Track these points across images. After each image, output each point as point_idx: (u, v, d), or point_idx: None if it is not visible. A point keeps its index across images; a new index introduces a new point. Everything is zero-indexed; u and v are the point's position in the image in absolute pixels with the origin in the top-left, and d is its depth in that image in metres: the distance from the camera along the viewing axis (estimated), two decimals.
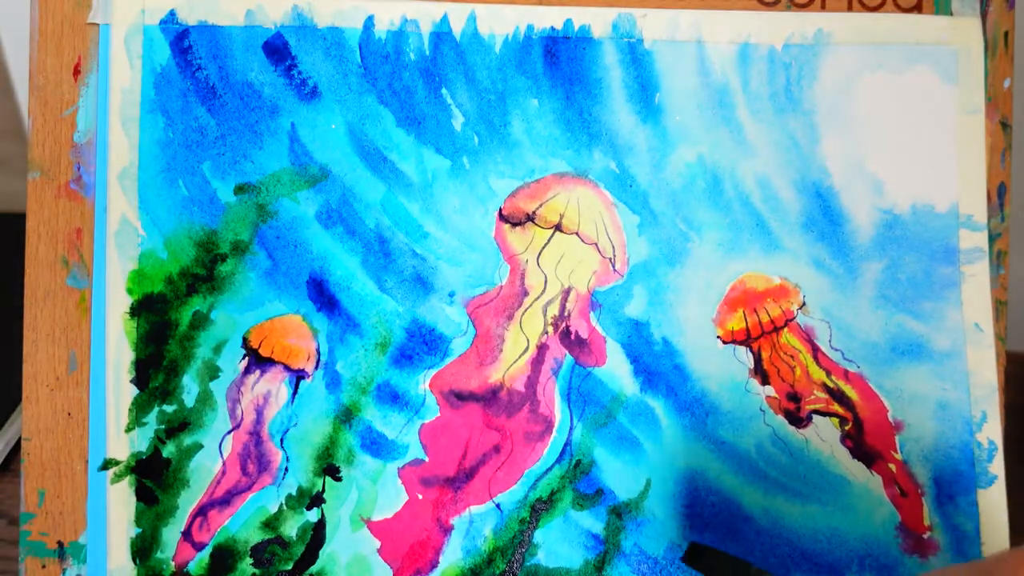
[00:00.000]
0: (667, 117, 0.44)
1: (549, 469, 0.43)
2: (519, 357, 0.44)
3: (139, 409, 0.42)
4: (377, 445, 0.43)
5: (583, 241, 0.44)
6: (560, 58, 0.44)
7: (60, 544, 0.42)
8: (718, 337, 0.44)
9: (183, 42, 0.43)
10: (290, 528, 0.42)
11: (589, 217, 0.44)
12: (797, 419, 0.44)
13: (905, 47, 0.45)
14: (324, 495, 0.43)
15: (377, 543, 0.43)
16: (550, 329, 0.44)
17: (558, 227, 0.44)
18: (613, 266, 0.44)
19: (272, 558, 0.42)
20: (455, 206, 0.44)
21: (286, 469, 0.43)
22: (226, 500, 0.42)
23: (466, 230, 0.44)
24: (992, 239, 0.45)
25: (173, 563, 0.42)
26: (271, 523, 0.42)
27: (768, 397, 0.44)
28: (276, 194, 0.43)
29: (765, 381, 0.44)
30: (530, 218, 0.44)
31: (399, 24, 0.44)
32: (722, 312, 0.44)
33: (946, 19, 0.45)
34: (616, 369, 0.44)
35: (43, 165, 0.43)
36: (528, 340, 0.44)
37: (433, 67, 0.44)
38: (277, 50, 0.43)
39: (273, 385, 0.43)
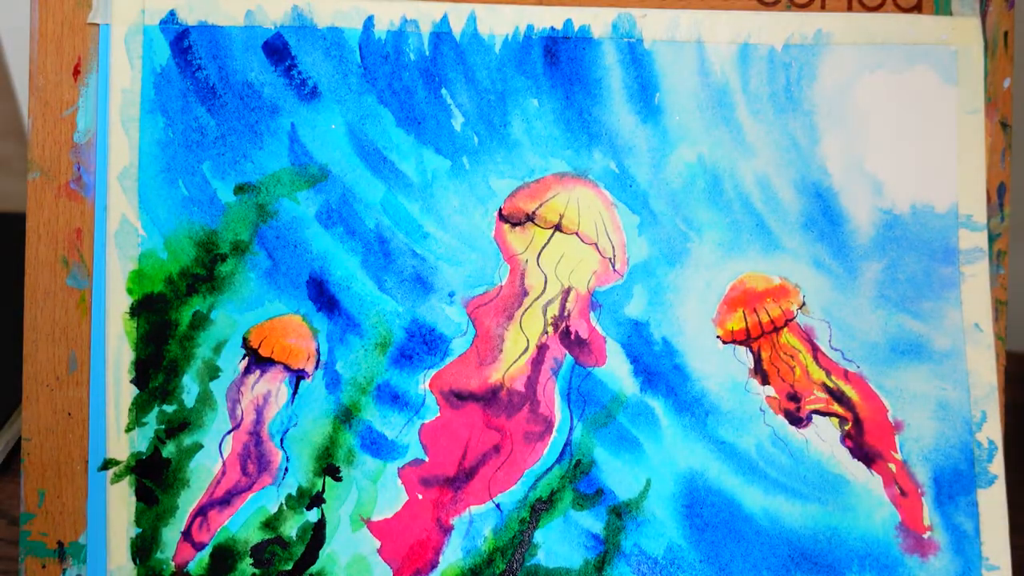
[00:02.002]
0: (667, 117, 0.44)
1: (549, 469, 0.43)
2: (519, 357, 0.44)
3: (139, 409, 0.42)
4: (377, 445, 0.43)
5: (583, 241, 0.44)
6: (560, 58, 0.44)
7: (60, 544, 0.42)
8: (718, 337, 0.44)
9: (183, 42, 0.43)
10: (290, 528, 0.42)
11: (589, 217, 0.44)
12: (797, 419, 0.44)
13: (905, 47, 0.45)
14: (324, 495, 0.43)
15: (377, 543, 0.43)
16: (550, 329, 0.44)
17: (558, 227, 0.44)
18: (613, 266, 0.44)
19: (272, 558, 0.42)
20: (455, 206, 0.44)
21: (286, 469, 0.43)
22: (226, 500, 0.42)
23: (466, 230, 0.44)
24: (992, 239, 0.45)
25: (173, 563, 0.42)
26: (271, 523, 0.42)
27: (768, 397, 0.44)
28: (276, 194, 0.43)
29: (765, 381, 0.44)
30: (530, 218, 0.44)
31: (399, 24, 0.44)
32: (722, 312, 0.44)
33: (946, 19, 0.45)
34: (616, 369, 0.44)
35: (43, 165, 0.43)
36: (528, 340, 0.44)
37: (433, 67, 0.44)
38: (277, 50, 0.43)
39: (273, 385, 0.43)
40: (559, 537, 0.43)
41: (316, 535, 0.42)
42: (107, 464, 0.42)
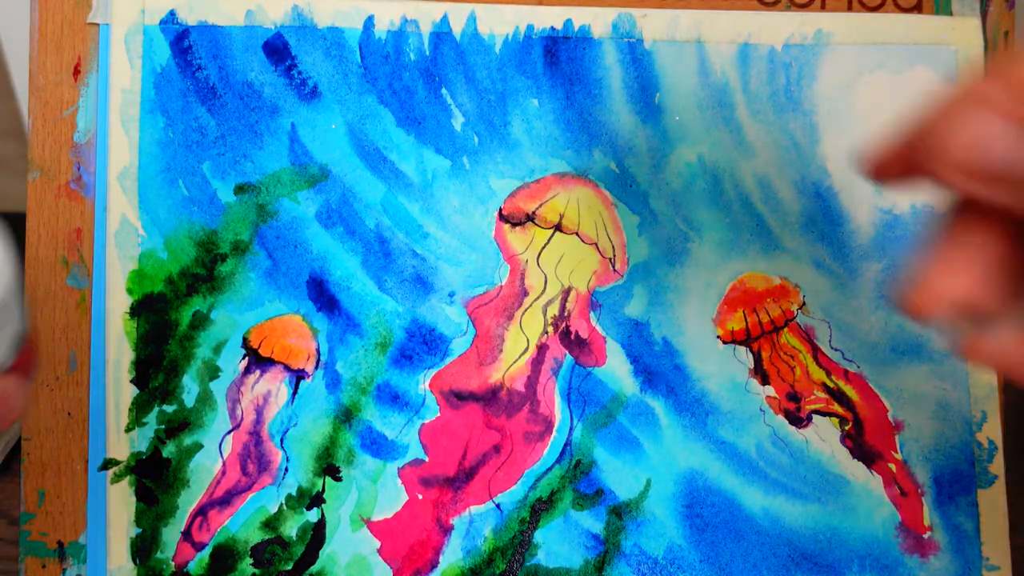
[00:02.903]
0: (667, 117, 0.44)
1: (549, 469, 0.43)
2: (519, 357, 0.44)
3: (139, 409, 0.42)
4: (377, 445, 0.43)
5: (583, 241, 0.44)
6: (560, 58, 0.44)
7: (60, 544, 0.42)
8: (718, 337, 0.44)
9: (183, 42, 0.43)
10: (290, 528, 0.42)
11: (589, 217, 0.44)
12: (797, 419, 0.44)
13: (905, 47, 0.45)
14: (324, 495, 0.43)
15: (377, 543, 0.43)
16: (550, 329, 0.44)
17: (558, 227, 0.44)
18: (613, 266, 0.44)
19: (272, 558, 0.42)
20: (455, 206, 0.44)
21: (286, 469, 0.43)
22: (226, 500, 0.42)
23: (466, 230, 0.44)
24: None
25: (173, 563, 0.42)
26: (271, 523, 0.42)
27: (768, 397, 0.44)
28: (276, 194, 0.43)
29: (765, 381, 0.44)
30: (530, 218, 0.44)
31: (399, 24, 0.44)
32: (722, 312, 0.44)
33: (946, 19, 0.45)
34: (616, 369, 0.44)
35: (43, 165, 0.43)
36: (528, 340, 0.44)
37: (433, 67, 0.44)
38: (277, 50, 0.43)
39: (273, 385, 0.43)
40: (559, 537, 0.43)
41: (316, 535, 0.42)
42: (107, 464, 0.42)
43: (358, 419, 0.43)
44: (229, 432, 0.43)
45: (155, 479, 0.42)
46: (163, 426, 0.42)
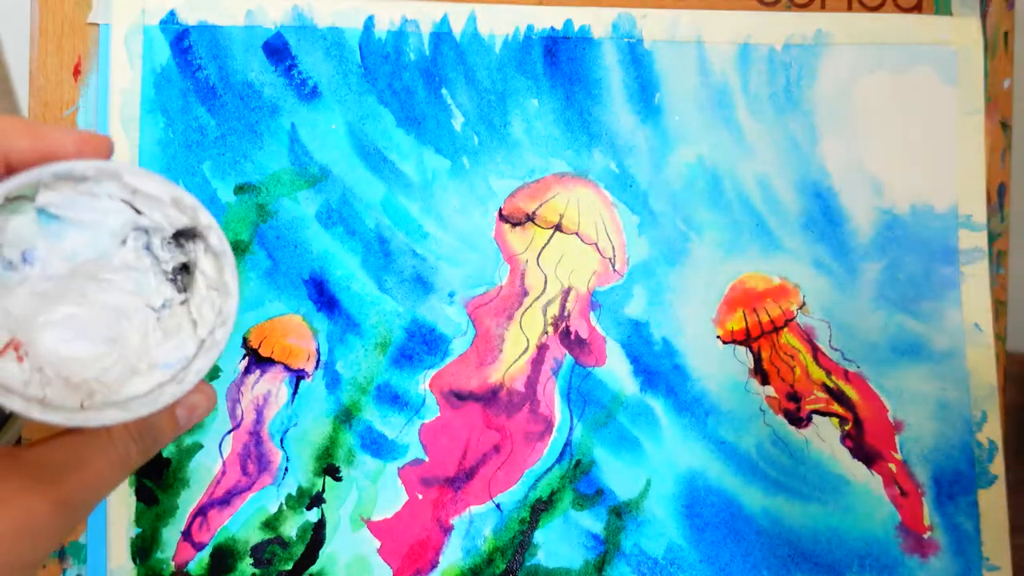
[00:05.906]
0: (667, 117, 0.44)
1: (549, 469, 0.43)
2: (519, 357, 0.44)
3: None
4: (377, 445, 0.43)
5: (583, 241, 0.44)
6: (560, 58, 0.44)
7: (60, 544, 0.42)
8: (718, 337, 0.44)
9: (183, 42, 0.43)
10: (290, 528, 0.42)
11: (589, 217, 0.44)
12: (797, 419, 0.44)
13: (905, 47, 0.45)
14: (324, 495, 0.43)
15: (377, 543, 0.43)
16: (550, 329, 0.44)
17: (558, 227, 0.44)
18: (613, 266, 0.44)
19: (272, 558, 0.42)
20: (455, 206, 0.44)
21: (286, 469, 0.43)
22: (226, 500, 0.42)
23: (466, 230, 0.44)
24: (991, 239, 0.45)
25: (173, 563, 0.42)
26: (271, 523, 0.42)
27: (768, 397, 0.44)
28: (276, 194, 0.43)
29: (765, 381, 0.44)
30: (530, 218, 0.44)
31: (399, 24, 0.44)
32: (722, 312, 0.44)
33: (946, 19, 0.45)
34: (616, 369, 0.44)
35: None
36: (528, 340, 0.44)
37: (433, 67, 0.44)
38: (277, 50, 0.43)
39: (273, 385, 0.43)
40: (559, 537, 0.43)
41: (316, 535, 0.42)
42: None
43: (358, 419, 0.43)
44: (229, 432, 0.43)
45: (155, 479, 0.42)
46: None
